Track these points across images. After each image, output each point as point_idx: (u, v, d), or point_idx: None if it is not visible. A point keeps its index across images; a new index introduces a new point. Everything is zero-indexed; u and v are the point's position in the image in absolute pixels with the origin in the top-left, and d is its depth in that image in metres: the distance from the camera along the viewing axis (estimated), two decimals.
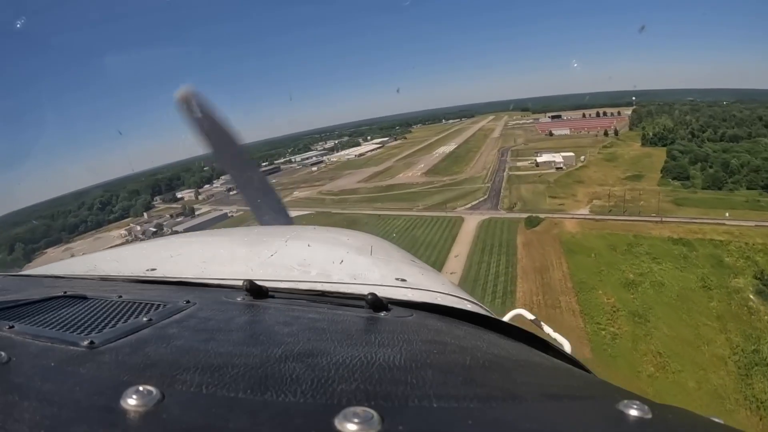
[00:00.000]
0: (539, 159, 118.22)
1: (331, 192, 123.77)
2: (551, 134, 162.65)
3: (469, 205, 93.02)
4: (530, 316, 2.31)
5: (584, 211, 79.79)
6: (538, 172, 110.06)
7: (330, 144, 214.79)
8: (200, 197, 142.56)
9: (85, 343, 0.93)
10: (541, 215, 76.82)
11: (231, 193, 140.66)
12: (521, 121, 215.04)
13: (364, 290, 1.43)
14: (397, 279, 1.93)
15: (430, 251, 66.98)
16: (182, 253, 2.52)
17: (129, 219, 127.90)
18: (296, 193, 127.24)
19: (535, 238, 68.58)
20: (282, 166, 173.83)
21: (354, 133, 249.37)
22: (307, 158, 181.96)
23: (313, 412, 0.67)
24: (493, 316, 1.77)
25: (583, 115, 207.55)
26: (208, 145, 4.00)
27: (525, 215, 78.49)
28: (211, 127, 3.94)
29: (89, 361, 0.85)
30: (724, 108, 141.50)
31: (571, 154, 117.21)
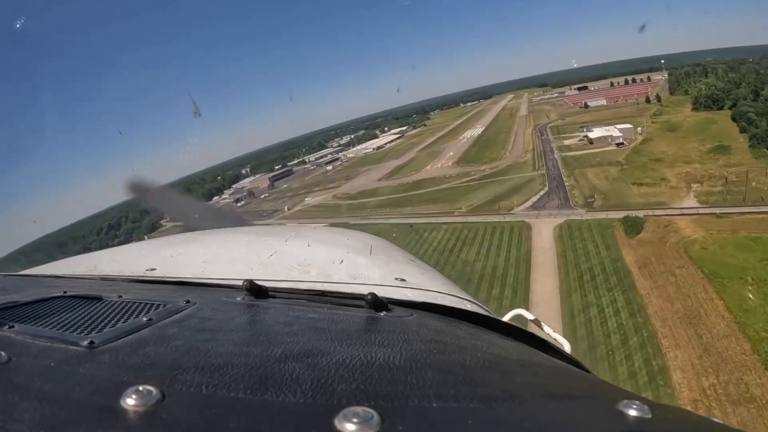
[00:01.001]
0: (591, 134, 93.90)
1: (348, 195, 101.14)
2: (586, 106, 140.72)
3: (530, 203, 67.55)
4: (530, 316, 2.23)
5: (691, 202, 55.30)
6: (596, 150, 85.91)
7: (346, 139, 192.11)
8: None
9: (85, 342, 0.90)
10: (640, 213, 52.69)
11: (238, 204, 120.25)
12: (546, 96, 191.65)
13: (364, 290, 1.37)
14: (396, 279, 1.88)
15: (498, 288, 43.18)
16: (182, 253, 2.44)
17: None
18: (308, 200, 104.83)
19: (650, 252, 44.56)
20: (295, 168, 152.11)
21: (370, 126, 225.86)
22: (322, 156, 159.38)
23: (313, 412, 0.65)
24: (493, 316, 1.70)
25: (611, 84, 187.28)
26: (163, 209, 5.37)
27: (616, 214, 54.26)
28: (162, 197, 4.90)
29: (89, 361, 0.82)
30: (759, 65, 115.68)
31: (629, 126, 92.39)
